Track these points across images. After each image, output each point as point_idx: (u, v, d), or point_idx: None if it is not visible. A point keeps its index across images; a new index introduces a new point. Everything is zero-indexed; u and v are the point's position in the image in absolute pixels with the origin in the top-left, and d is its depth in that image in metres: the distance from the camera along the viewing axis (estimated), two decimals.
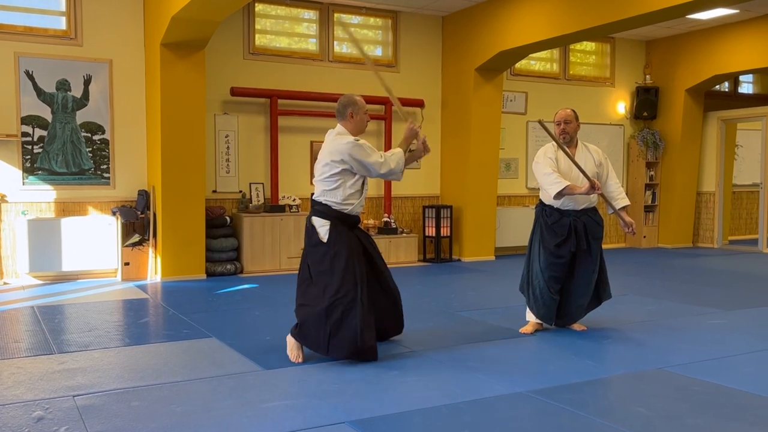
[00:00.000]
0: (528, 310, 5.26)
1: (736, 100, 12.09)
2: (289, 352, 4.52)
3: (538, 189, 5.29)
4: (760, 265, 9.33)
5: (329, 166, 4.52)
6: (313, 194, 4.67)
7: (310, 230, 4.57)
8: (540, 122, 4.98)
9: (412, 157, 4.88)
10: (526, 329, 5.24)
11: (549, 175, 5.04)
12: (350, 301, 4.35)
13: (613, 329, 5.37)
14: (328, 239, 4.48)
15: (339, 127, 4.69)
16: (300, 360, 4.44)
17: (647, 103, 11.25)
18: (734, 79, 12.08)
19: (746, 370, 4.23)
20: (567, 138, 5.18)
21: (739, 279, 8.05)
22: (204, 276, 7.96)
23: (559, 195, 5.00)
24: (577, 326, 5.31)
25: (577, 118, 5.21)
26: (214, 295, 6.97)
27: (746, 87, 12.58)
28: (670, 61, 11.16)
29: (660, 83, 11.32)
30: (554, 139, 5.05)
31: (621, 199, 5.17)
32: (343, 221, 4.57)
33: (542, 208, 5.29)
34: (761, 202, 10.93)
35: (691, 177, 11.32)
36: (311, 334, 4.43)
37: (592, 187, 4.91)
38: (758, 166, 11.01)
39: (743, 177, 11.98)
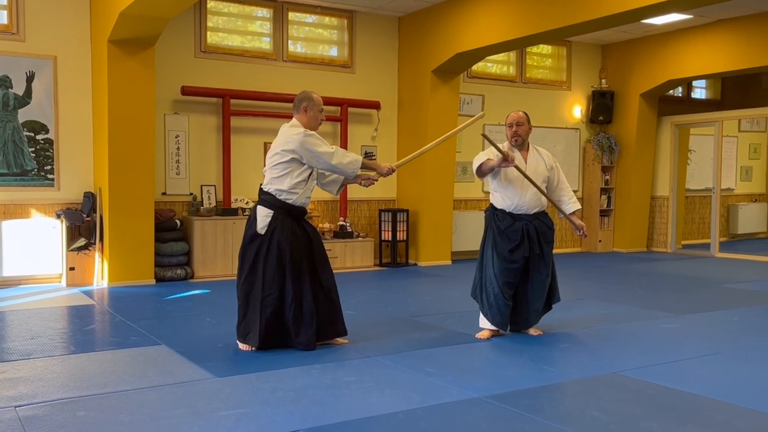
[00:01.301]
0: (482, 316, 5.32)
1: (689, 105, 12.42)
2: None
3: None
4: (712, 269, 9.59)
5: (279, 155, 4.73)
6: (261, 184, 4.85)
7: (251, 220, 4.80)
8: (483, 135, 5.08)
9: (371, 166, 5.01)
10: (482, 335, 5.30)
11: (477, 159, 5.21)
12: (277, 297, 4.68)
13: (569, 334, 5.46)
14: (266, 231, 4.70)
15: (293, 120, 4.93)
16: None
17: (603, 107, 11.48)
18: (687, 84, 12.40)
19: (699, 374, 4.35)
20: (519, 140, 5.27)
21: (692, 283, 8.26)
22: (153, 281, 7.85)
23: (479, 172, 5.20)
24: (533, 331, 5.39)
25: (528, 120, 5.33)
26: (163, 301, 6.88)
27: (699, 92, 12.93)
28: (625, 65, 11.41)
29: (615, 87, 11.55)
30: (497, 148, 5.06)
31: (572, 204, 5.27)
32: (287, 212, 4.76)
33: (493, 212, 5.32)
34: (713, 207, 11.24)
35: (645, 181, 11.58)
36: (248, 326, 4.75)
37: (505, 159, 4.97)
38: (710, 171, 11.31)
39: (696, 182, 12.30)
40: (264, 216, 4.73)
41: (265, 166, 4.89)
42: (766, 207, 13.33)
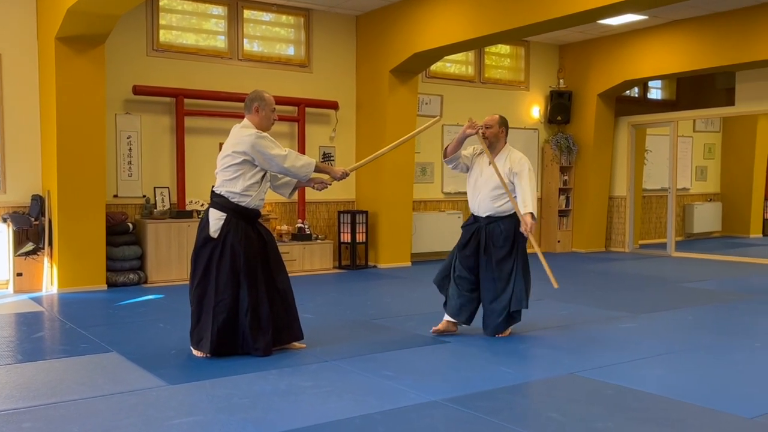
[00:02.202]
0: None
1: (645, 105, 12.65)
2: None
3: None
4: (668, 268, 9.78)
5: (231, 156, 4.69)
6: (213, 186, 4.80)
7: (204, 223, 4.74)
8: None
9: (325, 170, 5.02)
10: (438, 328, 5.43)
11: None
12: (231, 303, 4.64)
13: (528, 334, 5.52)
14: (219, 235, 4.66)
15: (244, 120, 4.88)
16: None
17: (561, 108, 11.62)
18: (644, 84, 12.63)
19: (655, 373, 4.43)
20: (486, 142, 5.46)
21: (649, 283, 8.41)
22: (105, 287, 7.72)
23: (445, 152, 5.74)
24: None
25: (501, 124, 5.48)
26: (115, 306, 6.77)
27: (655, 93, 13.18)
28: (582, 65, 11.57)
29: (573, 87, 11.71)
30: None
31: (522, 206, 5.28)
32: (240, 214, 4.72)
33: None
34: (669, 207, 11.47)
35: (603, 182, 11.76)
36: (200, 332, 4.69)
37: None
38: (666, 171, 11.54)
39: (652, 182, 12.54)
40: (217, 219, 4.68)
41: (216, 167, 4.84)
42: (720, 206, 13.64)
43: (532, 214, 5.23)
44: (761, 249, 11.83)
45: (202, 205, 8.59)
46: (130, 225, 8.15)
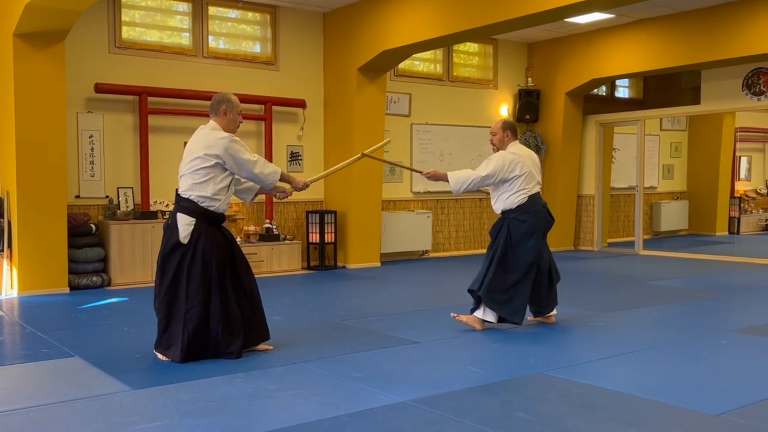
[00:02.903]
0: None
1: (613, 104, 12.80)
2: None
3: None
4: (636, 267, 9.92)
5: (202, 159, 4.62)
6: (177, 190, 4.73)
7: (171, 229, 4.66)
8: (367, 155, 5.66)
9: (287, 179, 5.05)
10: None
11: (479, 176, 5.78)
12: (202, 309, 4.61)
13: (497, 334, 5.56)
14: (189, 241, 4.60)
15: (211, 123, 4.82)
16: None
17: (529, 106, 11.71)
18: (611, 83, 12.78)
19: (622, 371, 4.49)
20: (494, 148, 5.83)
21: (617, 281, 8.53)
22: (67, 289, 7.62)
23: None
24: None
25: (504, 128, 5.76)
26: (78, 310, 6.69)
27: (622, 91, 13.35)
28: (550, 64, 11.67)
29: (541, 86, 11.81)
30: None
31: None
32: (210, 219, 4.69)
33: None
34: (637, 205, 11.62)
35: (571, 180, 11.87)
36: (169, 339, 4.66)
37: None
38: (634, 169, 11.69)
39: (620, 180, 12.69)
40: (186, 224, 4.62)
41: (181, 170, 4.76)
42: (687, 205, 13.85)
43: (445, 174, 5.77)
44: (727, 246, 12.04)
45: (167, 205, 8.51)
46: (93, 226, 8.05)
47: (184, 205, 4.67)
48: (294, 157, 9.74)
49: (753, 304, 6.93)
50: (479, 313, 5.67)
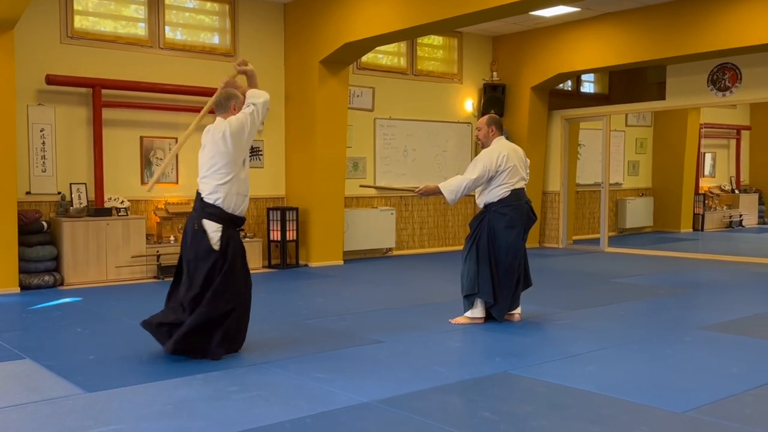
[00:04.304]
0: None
1: (578, 99, 12.96)
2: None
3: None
4: (602, 264, 10.06)
5: (222, 154, 4.65)
6: (201, 194, 4.73)
7: (199, 235, 4.67)
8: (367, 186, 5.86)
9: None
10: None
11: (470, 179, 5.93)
12: (242, 306, 4.81)
13: (461, 333, 5.60)
14: (221, 246, 4.66)
15: (218, 120, 4.82)
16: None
17: (494, 101, 11.78)
18: (577, 78, 12.93)
19: (587, 369, 4.55)
20: (480, 143, 6.03)
21: (582, 279, 8.64)
22: (17, 289, 7.49)
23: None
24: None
25: (489, 123, 5.95)
26: (28, 311, 6.59)
27: (588, 86, 13.52)
28: (516, 58, 11.77)
29: (506, 80, 11.90)
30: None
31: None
32: (233, 223, 4.79)
33: None
34: (602, 202, 11.78)
35: (537, 176, 11.97)
36: (200, 342, 4.67)
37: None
38: (599, 165, 11.85)
39: (585, 177, 12.85)
40: (215, 231, 4.67)
41: (201, 173, 4.77)
42: (652, 201, 14.08)
43: (437, 187, 5.88)
44: (691, 243, 12.27)
45: (122, 202, 8.41)
46: (45, 224, 7.91)
47: (209, 211, 4.69)
48: (254, 152, 9.69)
49: (717, 301, 7.08)
50: (469, 314, 5.88)
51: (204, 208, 4.71)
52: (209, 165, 4.71)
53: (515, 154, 5.89)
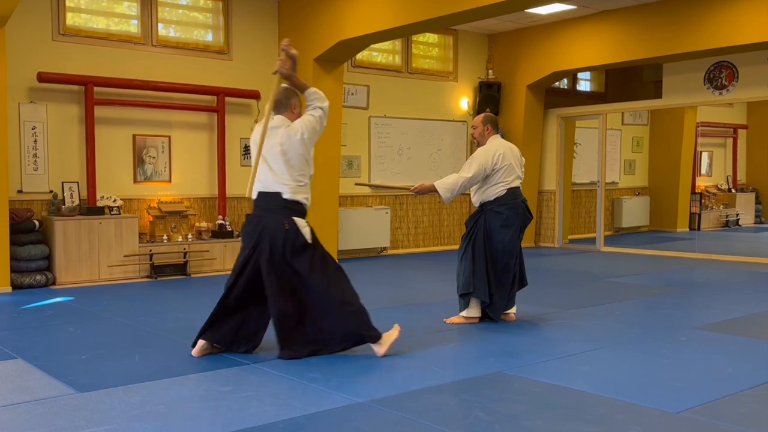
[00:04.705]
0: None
1: (574, 97, 12.99)
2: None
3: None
4: (597, 263, 10.09)
5: (304, 151, 4.78)
6: (281, 194, 4.75)
7: (293, 233, 4.72)
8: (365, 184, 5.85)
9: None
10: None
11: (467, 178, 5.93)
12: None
13: (456, 332, 5.62)
14: (312, 239, 4.79)
15: (281, 118, 4.91)
16: None
17: (490, 99, 11.80)
18: (573, 76, 12.95)
19: (582, 369, 4.57)
20: (475, 141, 6.06)
21: (578, 278, 8.66)
22: (9, 289, 7.49)
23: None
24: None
25: (484, 122, 5.97)
26: (20, 310, 6.58)
27: (584, 85, 13.54)
28: (512, 56, 11.78)
29: (502, 78, 11.91)
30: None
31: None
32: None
33: None
34: (598, 201, 11.81)
35: (532, 175, 11.99)
36: (322, 337, 4.78)
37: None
38: (595, 164, 11.87)
39: (581, 175, 12.87)
40: (304, 226, 4.78)
41: (279, 171, 4.78)
42: (648, 200, 14.11)
43: (432, 185, 5.83)
44: (688, 243, 12.30)
45: (115, 200, 8.41)
46: (36, 222, 7.91)
47: (295, 208, 4.78)
48: (248, 151, 9.68)
49: (713, 301, 7.10)
50: (464, 313, 5.90)
51: (288, 206, 4.76)
52: (288, 166, 4.76)
53: (511, 153, 5.92)
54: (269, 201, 4.78)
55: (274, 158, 4.77)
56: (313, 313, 4.78)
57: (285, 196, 4.76)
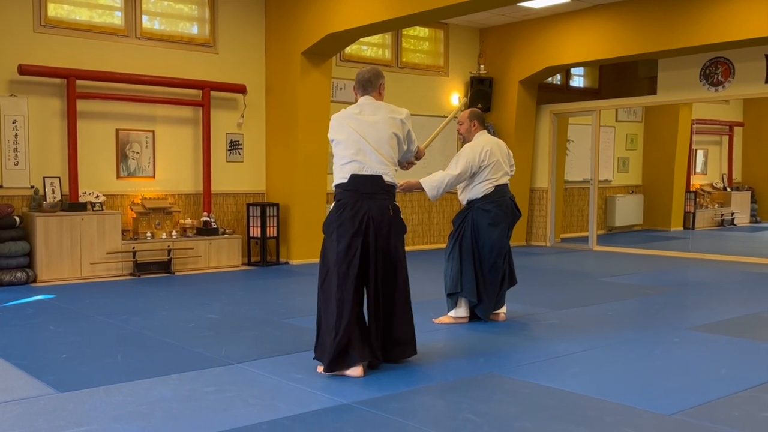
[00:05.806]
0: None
1: (567, 93, 13.02)
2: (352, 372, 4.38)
3: None
4: (590, 263, 10.12)
5: (396, 135, 4.58)
6: (382, 178, 4.48)
7: (396, 218, 4.56)
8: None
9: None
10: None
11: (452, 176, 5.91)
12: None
13: (445, 332, 5.63)
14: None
15: (371, 98, 4.70)
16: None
17: (481, 95, 11.82)
18: (566, 72, 12.98)
19: (573, 370, 4.59)
20: (462, 137, 6.09)
21: (570, 278, 8.69)
22: None
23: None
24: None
25: (471, 118, 5.97)
26: (0, 308, 6.56)
27: (577, 80, 13.58)
28: (504, 50, 11.80)
29: (494, 74, 11.93)
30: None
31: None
32: None
33: None
34: (591, 200, 11.85)
35: (524, 173, 12.03)
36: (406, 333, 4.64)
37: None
38: (588, 162, 11.91)
39: (574, 173, 12.91)
40: (400, 211, 4.65)
41: (378, 151, 4.49)
42: (642, 199, 14.16)
43: (418, 182, 5.74)
44: (682, 242, 12.35)
45: (97, 196, 8.38)
46: (17, 218, 7.87)
47: (394, 193, 4.62)
48: (234, 146, 9.67)
49: (707, 301, 7.14)
50: (453, 313, 5.93)
51: (389, 191, 4.55)
52: (393, 150, 4.56)
53: (498, 149, 5.92)
54: (372, 185, 4.46)
55: (374, 138, 4.50)
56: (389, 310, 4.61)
57: (386, 179, 4.50)
